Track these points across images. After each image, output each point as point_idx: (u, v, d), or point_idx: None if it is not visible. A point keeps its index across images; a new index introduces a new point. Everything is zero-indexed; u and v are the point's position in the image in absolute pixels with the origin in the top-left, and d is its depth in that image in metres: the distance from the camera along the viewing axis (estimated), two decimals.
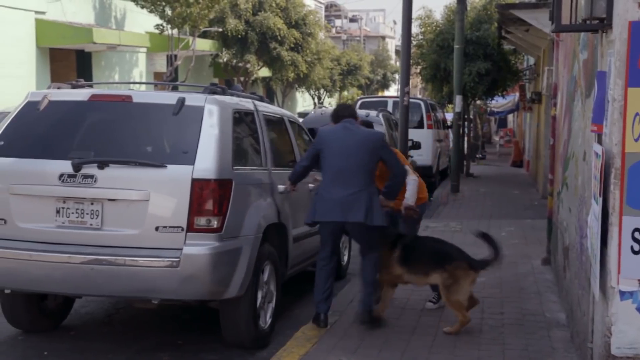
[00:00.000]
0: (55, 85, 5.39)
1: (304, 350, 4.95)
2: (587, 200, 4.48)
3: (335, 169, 5.38)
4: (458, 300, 5.34)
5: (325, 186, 5.45)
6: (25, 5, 17.63)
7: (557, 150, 7.31)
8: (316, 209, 5.43)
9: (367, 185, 5.40)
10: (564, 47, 7.12)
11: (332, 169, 5.40)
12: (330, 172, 5.41)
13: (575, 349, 4.96)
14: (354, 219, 5.32)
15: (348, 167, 5.36)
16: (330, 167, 5.41)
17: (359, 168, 5.38)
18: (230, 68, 25.61)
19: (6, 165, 4.85)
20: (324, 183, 5.48)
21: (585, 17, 4.00)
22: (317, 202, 5.45)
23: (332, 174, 5.40)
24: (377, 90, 48.00)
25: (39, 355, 5.02)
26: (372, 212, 5.33)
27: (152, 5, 19.66)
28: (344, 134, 5.46)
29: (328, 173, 5.44)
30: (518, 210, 12.79)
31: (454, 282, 5.32)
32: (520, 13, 12.13)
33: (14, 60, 17.31)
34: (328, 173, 5.44)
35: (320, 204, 5.42)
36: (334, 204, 5.34)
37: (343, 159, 5.36)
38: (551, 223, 7.70)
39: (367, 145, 5.44)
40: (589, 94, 4.67)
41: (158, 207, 4.60)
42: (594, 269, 3.88)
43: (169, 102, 4.88)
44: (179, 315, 5.98)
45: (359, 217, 5.31)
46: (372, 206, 5.35)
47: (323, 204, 5.40)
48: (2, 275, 4.79)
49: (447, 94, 18.91)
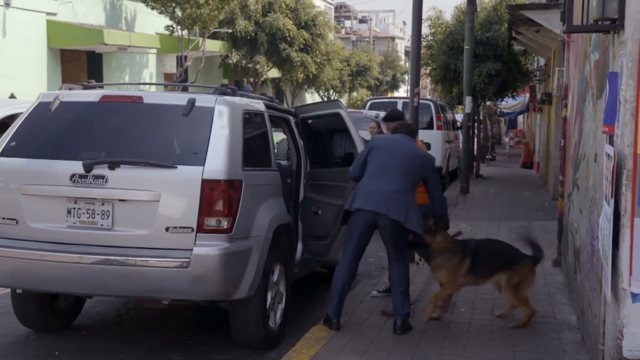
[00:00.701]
0: (67, 86, 5.41)
1: (314, 351, 4.95)
2: (598, 201, 4.45)
3: (379, 164, 5.36)
4: (525, 297, 5.61)
5: (367, 180, 5.40)
6: (36, 7, 17.74)
7: (568, 152, 7.28)
8: (355, 199, 5.37)
9: (410, 189, 5.40)
10: (574, 48, 7.09)
11: (376, 163, 5.38)
12: (374, 167, 5.38)
13: (586, 352, 4.93)
14: (393, 215, 5.28)
15: (394, 165, 5.35)
16: (375, 162, 5.39)
17: (405, 171, 5.37)
18: (239, 69, 25.65)
19: (18, 165, 4.87)
20: (365, 178, 5.43)
21: (597, 17, 3.99)
22: (357, 193, 5.40)
23: (376, 168, 5.36)
24: (387, 91, 47.96)
25: (50, 355, 5.04)
26: (412, 215, 5.31)
27: (162, 7, 19.72)
28: (399, 141, 5.50)
29: (372, 167, 5.40)
30: (528, 211, 12.75)
31: (522, 280, 5.55)
32: (531, 14, 12.10)
33: (25, 61, 17.41)
34: (372, 167, 5.40)
35: (361, 194, 5.36)
36: (378, 196, 5.29)
37: (391, 158, 5.37)
38: (562, 224, 7.67)
39: (419, 157, 5.48)
40: (600, 95, 4.65)
41: (168, 208, 4.62)
42: (606, 270, 3.86)
43: (180, 103, 4.89)
44: (188, 316, 5.99)
45: (399, 216, 5.28)
46: (412, 209, 5.33)
47: (364, 194, 5.34)
48: (14, 275, 4.82)
49: (456, 95, 18.87)
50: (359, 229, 5.38)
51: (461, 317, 5.83)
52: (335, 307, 5.42)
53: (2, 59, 16.76)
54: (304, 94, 34.05)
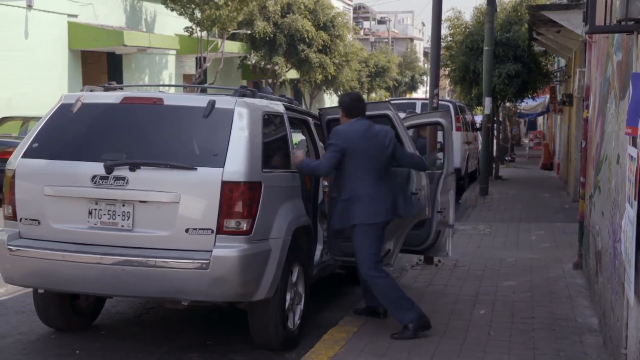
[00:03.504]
0: (88, 88, 5.46)
1: (333, 352, 4.95)
2: (620, 203, 4.41)
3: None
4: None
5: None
6: (58, 9, 17.93)
7: (589, 153, 7.21)
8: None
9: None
10: (596, 49, 7.02)
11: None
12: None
13: (609, 355, 4.88)
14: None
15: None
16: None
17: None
18: (258, 70, 25.72)
19: (40, 166, 4.92)
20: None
21: (620, 18, 3.94)
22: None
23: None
24: (405, 92, 47.86)
25: (71, 354, 5.09)
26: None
27: (182, 8, 19.85)
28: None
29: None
30: (548, 213, 12.65)
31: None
32: (552, 14, 12.00)
33: (47, 62, 17.61)
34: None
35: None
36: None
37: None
38: (583, 227, 7.60)
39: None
40: (623, 96, 4.60)
41: (188, 209, 4.64)
42: (629, 273, 3.82)
43: (200, 104, 4.91)
44: (207, 316, 6.02)
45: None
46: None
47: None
48: (36, 275, 4.87)
49: (476, 96, 18.77)
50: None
51: (481, 319, 5.80)
52: (410, 312, 5.27)
53: (25, 60, 16.96)
54: (322, 95, 34.10)
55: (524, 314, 5.98)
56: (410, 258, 7.94)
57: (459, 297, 6.51)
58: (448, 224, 6.43)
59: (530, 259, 8.41)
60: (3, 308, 6.13)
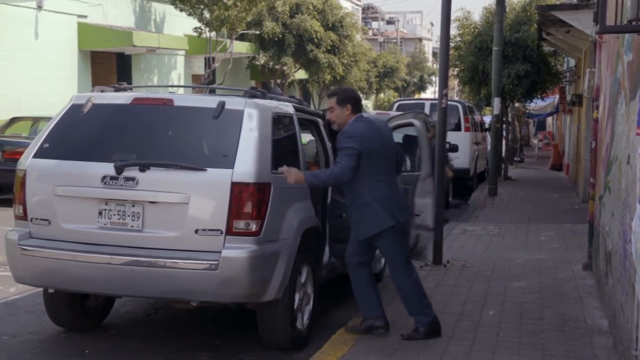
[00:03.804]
0: (99, 89, 5.48)
1: (341, 352, 4.95)
2: (631, 204, 4.39)
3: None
4: None
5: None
6: (68, 9, 18.01)
7: (599, 154, 7.19)
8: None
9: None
10: (606, 49, 7.00)
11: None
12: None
13: (619, 357, 4.86)
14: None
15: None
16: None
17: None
18: (267, 70, 25.75)
19: (51, 167, 4.94)
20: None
21: (631, 18, 3.94)
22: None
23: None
24: (414, 92, 47.80)
25: (80, 354, 5.11)
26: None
27: (191, 9, 19.90)
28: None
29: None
30: (557, 214, 12.61)
31: None
32: (561, 14, 11.96)
33: (57, 63, 17.70)
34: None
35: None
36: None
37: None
38: (592, 227, 7.57)
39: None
40: (633, 97, 4.58)
41: (198, 210, 4.65)
42: (639, 274, 3.81)
43: (210, 105, 4.92)
44: (216, 316, 6.03)
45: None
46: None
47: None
48: (47, 275, 4.90)
49: (485, 96, 18.73)
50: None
51: (490, 320, 5.79)
52: (423, 315, 5.28)
53: (35, 61, 17.05)
54: None
55: (533, 315, 5.96)
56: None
57: (468, 297, 6.50)
58: (428, 227, 6.21)
59: (540, 259, 8.38)
60: (13, 307, 6.17)
